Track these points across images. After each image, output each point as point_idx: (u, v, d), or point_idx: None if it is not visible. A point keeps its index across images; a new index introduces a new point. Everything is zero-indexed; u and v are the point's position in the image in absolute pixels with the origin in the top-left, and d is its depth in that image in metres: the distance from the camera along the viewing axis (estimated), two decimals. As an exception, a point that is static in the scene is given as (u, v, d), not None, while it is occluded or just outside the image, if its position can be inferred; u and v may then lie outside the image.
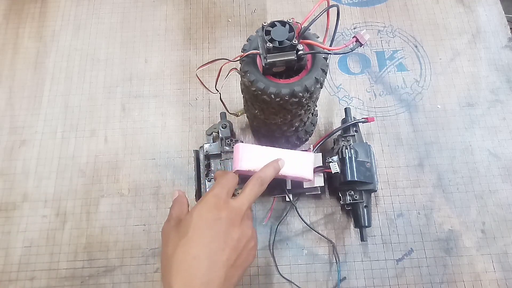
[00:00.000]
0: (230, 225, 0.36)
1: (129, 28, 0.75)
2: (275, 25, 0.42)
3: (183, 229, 0.36)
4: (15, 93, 0.70)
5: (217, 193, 0.38)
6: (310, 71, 0.45)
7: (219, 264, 0.34)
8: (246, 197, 0.39)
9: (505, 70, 0.69)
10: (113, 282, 0.57)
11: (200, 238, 0.35)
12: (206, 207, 0.37)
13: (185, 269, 0.33)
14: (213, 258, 0.34)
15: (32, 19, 0.76)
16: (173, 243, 0.36)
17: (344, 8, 0.75)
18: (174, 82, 0.70)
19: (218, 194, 0.38)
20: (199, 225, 0.35)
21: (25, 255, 0.59)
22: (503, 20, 0.74)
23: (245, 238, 0.37)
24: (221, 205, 0.37)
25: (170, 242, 0.36)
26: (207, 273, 0.33)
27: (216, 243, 0.35)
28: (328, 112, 0.67)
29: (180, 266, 0.34)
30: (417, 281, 0.56)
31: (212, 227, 0.35)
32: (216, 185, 0.39)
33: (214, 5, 0.77)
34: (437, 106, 0.67)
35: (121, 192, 0.62)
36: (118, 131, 0.67)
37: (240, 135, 0.66)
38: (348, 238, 0.59)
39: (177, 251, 0.34)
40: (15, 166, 0.65)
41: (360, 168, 0.54)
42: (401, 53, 0.71)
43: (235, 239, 0.36)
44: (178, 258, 0.34)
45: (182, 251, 0.34)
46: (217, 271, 0.34)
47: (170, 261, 0.34)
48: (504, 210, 0.60)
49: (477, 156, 0.63)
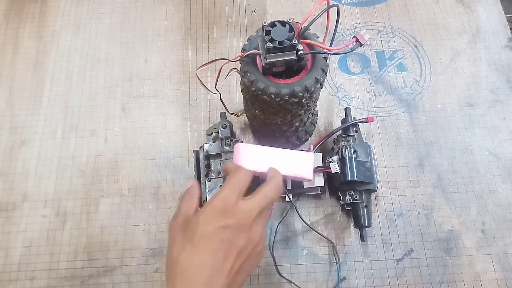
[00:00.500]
0: (237, 232, 0.36)
1: (129, 28, 0.75)
2: (275, 25, 0.42)
3: (190, 233, 0.36)
4: (15, 93, 0.70)
5: (226, 196, 0.36)
6: (310, 71, 0.45)
7: (223, 273, 0.34)
8: (259, 201, 0.37)
9: (505, 70, 0.69)
10: (113, 282, 0.57)
11: (205, 246, 0.35)
12: (213, 212, 0.36)
13: (188, 276, 0.34)
14: (216, 267, 0.34)
15: (32, 19, 0.76)
16: (178, 246, 0.36)
17: (344, 8, 0.75)
18: (174, 82, 0.70)
19: (227, 197, 0.36)
20: (205, 231, 0.35)
21: (25, 255, 0.59)
22: (503, 20, 0.74)
23: (251, 244, 0.37)
24: (229, 211, 0.36)
25: (176, 244, 0.36)
26: (209, 282, 0.33)
27: (220, 252, 0.35)
28: (328, 112, 0.67)
29: (183, 272, 0.34)
30: (417, 281, 0.56)
31: (217, 235, 0.35)
32: (226, 185, 0.38)
33: (214, 5, 0.77)
34: (437, 106, 0.67)
35: (121, 192, 0.62)
36: (118, 131, 0.67)
37: (240, 135, 0.66)
38: (348, 238, 0.59)
39: (182, 257, 0.35)
40: (15, 166, 0.65)
41: (360, 168, 0.54)
42: (401, 53, 0.71)
43: (241, 246, 0.36)
44: (183, 264, 0.34)
45: (187, 257, 0.35)
46: (220, 280, 0.34)
47: (174, 265, 0.35)
48: (504, 210, 0.60)
49: (477, 156, 0.63)
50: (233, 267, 0.35)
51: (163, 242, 0.59)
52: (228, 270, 0.34)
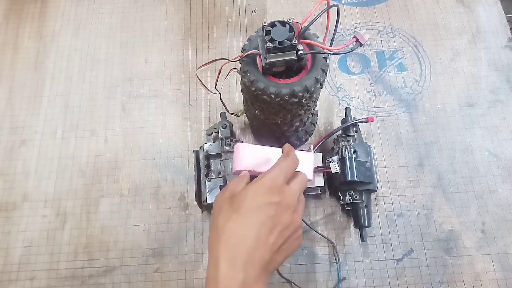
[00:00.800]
0: (283, 210, 0.37)
1: (129, 28, 0.75)
2: (275, 25, 0.42)
3: (237, 204, 0.37)
4: (15, 93, 0.70)
5: (275, 177, 0.38)
6: (310, 71, 0.45)
7: (265, 246, 0.35)
8: (299, 184, 0.40)
9: (505, 70, 0.69)
10: (113, 282, 0.57)
11: (251, 218, 0.36)
12: (262, 188, 0.37)
13: (232, 245, 0.35)
14: (260, 239, 0.35)
15: (32, 19, 0.76)
16: (224, 215, 0.37)
17: (344, 8, 0.75)
18: (174, 82, 0.70)
19: (276, 177, 0.38)
20: (253, 204, 0.36)
21: (25, 255, 0.59)
22: (503, 20, 0.74)
23: (293, 226, 0.38)
24: (277, 189, 0.37)
25: (222, 213, 0.37)
26: (252, 253, 0.34)
27: (265, 225, 0.36)
28: (328, 112, 0.67)
29: (228, 241, 0.35)
30: (417, 281, 0.56)
31: (264, 209, 0.36)
32: (276, 166, 0.39)
33: (214, 5, 0.77)
34: (437, 106, 0.67)
35: (121, 192, 0.62)
36: (118, 131, 0.67)
37: (240, 135, 0.66)
38: (348, 238, 0.59)
39: (227, 225, 0.36)
40: (15, 166, 0.65)
41: (360, 168, 0.54)
42: (401, 53, 0.71)
43: (285, 224, 0.37)
44: (227, 233, 0.35)
45: (232, 226, 0.36)
46: (262, 253, 0.35)
47: (219, 233, 0.36)
48: (504, 210, 0.60)
49: (477, 156, 0.63)
50: (275, 243, 0.36)
51: (163, 242, 0.59)
52: (271, 245, 0.36)
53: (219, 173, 0.57)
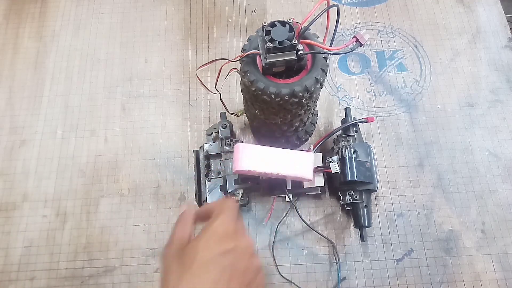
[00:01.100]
0: (240, 256, 0.34)
1: (129, 28, 0.75)
2: (275, 25, 0.42)
3: (188, 261, 0.33)
4: (15, 93, 0.70)
5: (226, 221, 0.35)
6: (310, 71, 0.45)
7: None
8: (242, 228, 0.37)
9: (505, 70, 0.69)
10: (113, 282, 0.57)
11: (205, 274, 0.33)
12: (215, 236, 0.34)
13: None
14: None
15: (32, 19, 0.76)
16: (175, 275, 0.33)
17: (344, 8, 0.75)
18: (174, 82, 0.70)
19: (227, 222, 0.35)
20: (206, 258, 0.33)
21: (25, 255, 0.59)
22: (503, 20, 0.73)
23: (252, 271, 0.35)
24: (230, 235, 0.35)
25: (173, 273, 0.34)
26: None
27: (222, 280, 0.33)
28: (328, 112, 0.67)
29: None
30: (417, 281, 0.56)
31: (218, 262, 0.33)
32: (220, 213, 0.36)
33: (214, 5, 0.77)
34: (437, 106, 0.67)
35: (121, 192, 0.62)
36: (118, 131, 0.67)
37: (240, 135, 0.66)
38: (348, 238, 0.59)
39: (181, 287, 0.32)
40: (15, 166, 0.65)
41: (360, 168, 0.54)
42: (401, 53, 0.71)
43: (243, 272, 0.34)
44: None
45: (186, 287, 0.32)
46: None
47: None
48: (504, 210, 0.60)
49: (477, 156, 0.63)
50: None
51: (163, 242, 0.59)
52: None
53: (219, 173, 0.57)
